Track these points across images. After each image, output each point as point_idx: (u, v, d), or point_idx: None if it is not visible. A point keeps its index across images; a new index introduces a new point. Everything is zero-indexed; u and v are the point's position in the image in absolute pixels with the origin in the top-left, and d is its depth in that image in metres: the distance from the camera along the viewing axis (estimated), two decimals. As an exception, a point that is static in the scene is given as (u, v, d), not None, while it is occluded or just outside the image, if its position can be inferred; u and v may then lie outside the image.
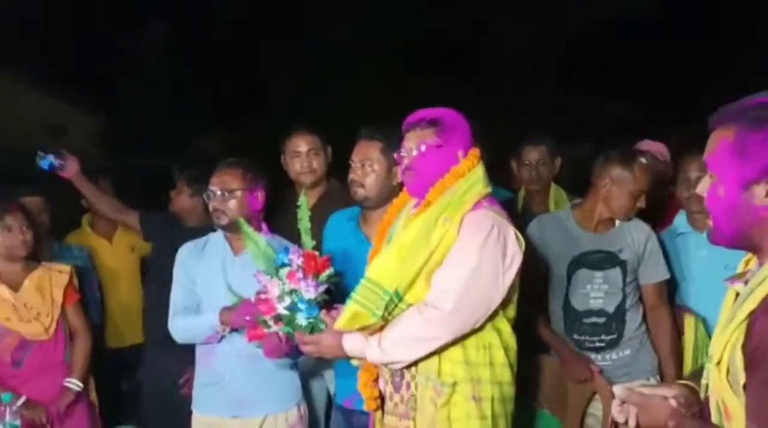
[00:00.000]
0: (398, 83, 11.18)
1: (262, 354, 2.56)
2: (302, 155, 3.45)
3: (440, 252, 2.28)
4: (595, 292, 3.06)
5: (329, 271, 2.47)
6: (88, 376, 3.39)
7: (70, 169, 3.70)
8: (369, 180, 2.85)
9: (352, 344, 2.33)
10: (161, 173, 4.38)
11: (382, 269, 2.31)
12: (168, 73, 11.48)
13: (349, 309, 2.30)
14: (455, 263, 2.27)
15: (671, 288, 3.23)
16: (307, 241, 2.55)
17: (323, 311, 2.41)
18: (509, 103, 10.10)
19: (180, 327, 2.94)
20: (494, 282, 2.26)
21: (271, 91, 11.76)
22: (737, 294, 1.51)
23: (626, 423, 1.62)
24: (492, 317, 2.31)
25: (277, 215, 3.23)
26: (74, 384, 3.27)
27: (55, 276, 3.31)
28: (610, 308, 3.05)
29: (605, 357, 3.07)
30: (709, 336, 2.98)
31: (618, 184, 3.00)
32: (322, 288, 2.42)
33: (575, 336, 3.08)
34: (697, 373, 1.65)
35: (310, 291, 2.39)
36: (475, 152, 2.42)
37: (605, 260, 3.05)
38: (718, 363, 1.45)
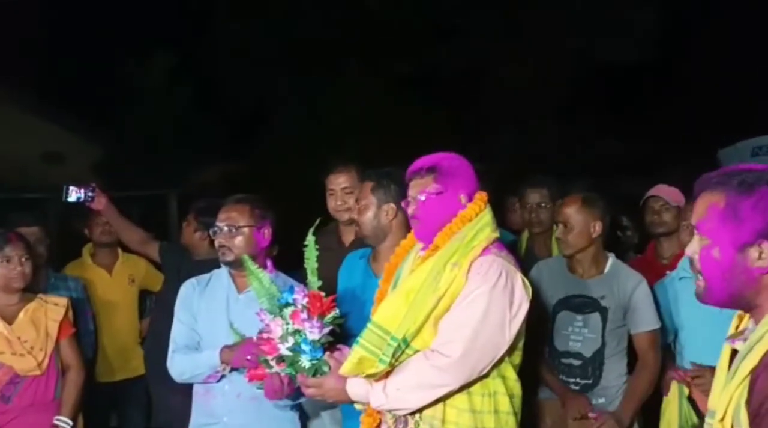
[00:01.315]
0: (395, 119, 11.26)
1: (262, 396, 2.51)
2: (337, 193, 3.43)
3: (448, 298, 2.25)
4: (575, 335, 3.12)
5: (334, 312, 2.43)
6: (78, 412, 3.30)
7: (100, 201, 3.82)
8: (362, 219, 2.90)
9: (357, 389, 2.29)
10: (159, 203, 4.36)
11: (390, 314, 2.28)
12: (170, 103, 11.53)
13: (355, 354, 2.27)
14: (463, 309, 2.24)
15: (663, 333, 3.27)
16: (313, 281, 2.52)
17: (327, 353, 2.37)
18: (509, 140, 10.17)
19: (179, 365, 2.88)
20: (501, 329, 2.24)
21: (273, 124, 11.82)
22: (733, 351, 1.57)
23: None
24: (497, 364, 2.29)
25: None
26: (64, 422, 3.20)
27: (51, 309, 3.24)
28: (588, 353, 3.10)
29: None
30: (693, 407, 3.12)
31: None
32: (326, 330, 2.38)
33: None
34: None
35: (314, 332, 2.35)
36: (482, 195, 2.42)
37: (587, 304, 3.11)
38: (722, 419, 1.47)
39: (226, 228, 2.86)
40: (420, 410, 2.27)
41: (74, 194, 3.76)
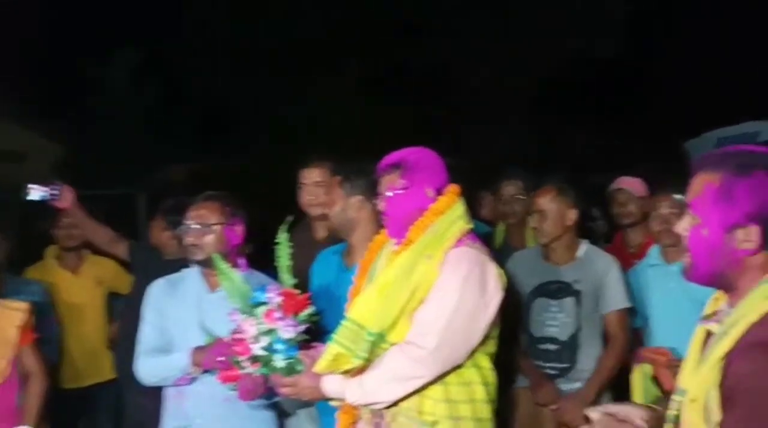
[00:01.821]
0: (367, 114, 11.25)
1: (236, 397, 2.48)
2: (308, 187, 3.42)
3: (422, 290, 2.28)
4: (551, 320, 3.22)
5: (309, 310, 2.42)
6: (41, 421, 3.20)
7: (65, 199, 3.66)
8: (331, 213, 2.96)
9: (332, 386, 2.30)
10: (126, 203, 4.28)
11: (365, 309, 2.30)
12: (134, 101, 11.39)
13: (330, 351, 2.27)
14: (437, 301, 2.27)
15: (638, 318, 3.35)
16: (287, 279, 2.50)
17: (301, 351, 2.36)
18: (480, 135, 10.22)
19: (148, 367, 2.82)
20: (475, 319, 2.27)
21: (236, 122, 11.73)
22: (707, 333, 1.60)
23: None
24: (472, 353, 2.32)
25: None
26: None
27: (11, 315, 3.12)
28: (563, 337, 3.19)
29: (558, 388, 3.18)
30: (657, 384, 3.10)
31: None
32: (301, 328, 2.37)
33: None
34: (663, 402, 1.72)
35: (288, 331, 2.34)
36: (453, 188, 2.44)
37: (561, 289, 3.21)
38: (694, 400, 1.50)
39: (196, 226, 2.81)
40: (396, 403, 2.28)
41: (37, 193, 3.61)
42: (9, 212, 3.73)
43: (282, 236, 2.59)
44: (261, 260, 2.98)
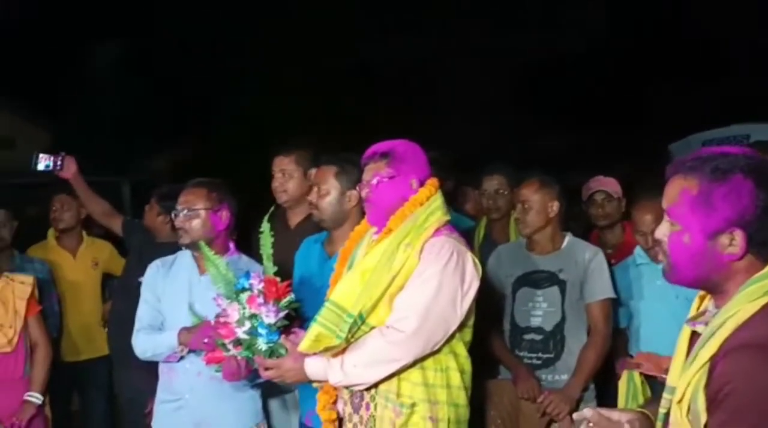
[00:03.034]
0: (350, 110, 11.29)
1: (221, 378, 2.58)
2: (276, 175, 3.47)
3: (402, 276, 2.35)
4: (535, 310, 3.18)
5: (290, 297, 2.50)
6: (46, 390, 3.34)
7: (68, 170, 3.79)
8: (323, 203, 2.94)
9: (314, 368, 2.37)
10: (111, 190, 4.38)
11: (346, 292, 2.37)
12: (120, 89, 11.38)
13: (312, 331, 2.34)
14: (417, 287, 2.34)
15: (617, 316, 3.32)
16: (269, 267, 2.58)
17: (283, 336, 2.44)
18: (461, 133, 10.28)
19: (142, 343, 2.94)
20: (453, 306, 2.35)
21: (222, 112, 11.74)
22: (692, 333, 1.58)
23: None
24: (449, 340, 2.39)
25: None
26: (35, 397, 3.23)
27: (18, 288, 3.25)
28: (548, 327, 3.16)
29: (542, 378, 3.15)
30: (648, 384, 3.17)
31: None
32: (282, 314, 2.44)
33: (516, 352, 3.20)
34: (653, 402, 1.72)
35: (270, 316, 2.42)
36: (433, 181, 2.51)
37: (545, 279, 3.19)
38: (680, 401, 1.49)
39: (183, 211, 2.90)
40: (375, 385, 2.36)
41: (43, 162, 3.73)
42: (1, 196, 3.82)
43: (265, 226, 2.70)
44: (241, 247, 3.08)
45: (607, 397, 3.26)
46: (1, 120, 9.73)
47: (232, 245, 2.93)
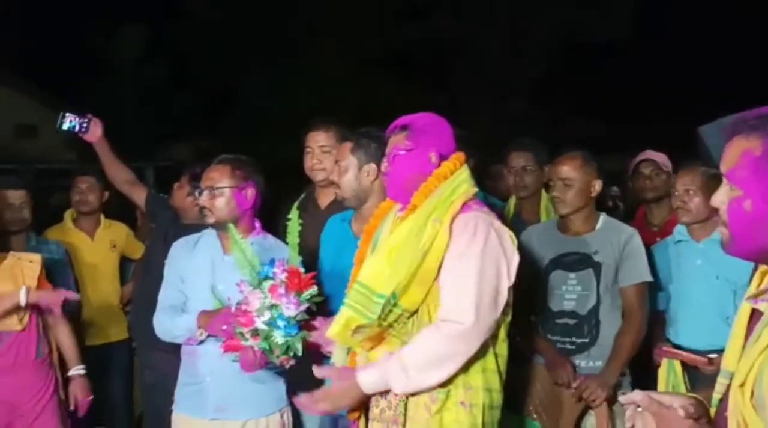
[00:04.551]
0: (371, 94, 11.23)
1: (239, 366, 2.53)
2: (314, 151, 3.27)
3: (434, 254, 2.23)
4: (569, 293, 3.05)
5: (312, 290, 2.43)
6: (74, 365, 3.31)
7: (94, 133, 3.67)
8: (343, 181, 2.85)
9: (371, 379, 2.22)
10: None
11: (374, 272, 2.27)
12: (144, 76, 11.42)
13: (341, 315, 2.26)
14: (460, 273, 2.22)
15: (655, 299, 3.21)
16: (294, 257, 2.53)
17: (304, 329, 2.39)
18: (487, 116, 10.19)
19: (162, 324, 2.89)
20: (501, 286, 2.25)
21: (246, 96, 11.74)
22: (752, 312, 1.47)
23: None
24: None
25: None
26: (79, 369, 3.26)
27: (27, 267, 3.20)
28: (582, 311, 3.02)
29: (576, 364, 3.03)
30: (687, 373, 3.09)
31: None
32: (302, 307, 2.39)
33: (549, 337, 3.08)
34: (702, 389, 1.62)
35: (290, 309, 2.36)
36: (458, 155, 2.40)
37: (580, 261, 3.04)
38: (742, 386, 1.40)
39: (206, 190, 2.83)
40: None
41: (68, 122, 3.61)
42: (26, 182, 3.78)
43: (293, 213, 2.63)
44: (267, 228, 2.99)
45: (643, 385, 3.13)
46: (25, 107, 9.78)
47: (258, 224, 2.85)
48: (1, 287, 3.10)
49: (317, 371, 2.29)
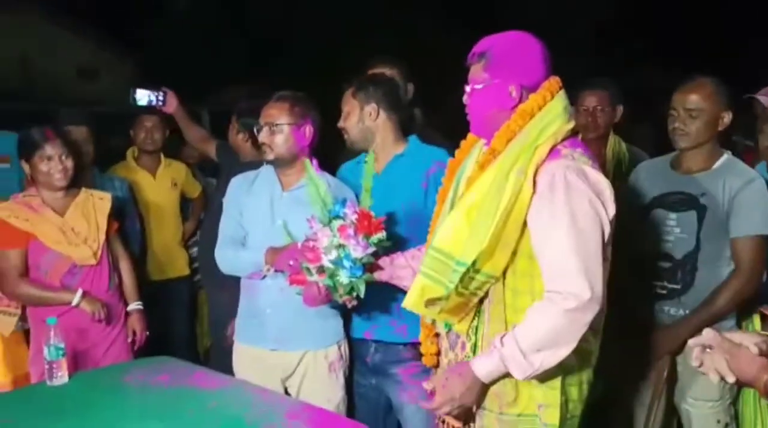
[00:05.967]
0: (422, 39, 11.07)
1: (302, 300, 2.56)
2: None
3: (517, 212, 1.95)
4: (666, 234, 2.78)
5: (381, 235, 2.43)
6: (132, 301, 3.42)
7: (170, 105, 3.89)
8: (347, 125, 2.92)
9: (488, 367, 2.01)
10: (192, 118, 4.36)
11: (450, 235, 2.04)
12: (201, 20, 11.45)
13: (417, 284, 2.09)
14: (556, 236, 1.94)
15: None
16: (366, 199, 2.54)
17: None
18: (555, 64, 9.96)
19: (226, 258, 2.93)
20: (602, 243, 1.97)
21: (298, 43, 11.70)
22: None
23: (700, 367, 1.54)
24: None
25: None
26: (138, 305, 3.36)
27: (98, 203, 3.28)
28: (678, 255, 2.75)
29: (665, 311, 2.79)
30: None
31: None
32: (370, 250, 2.38)
33: (637, 281, 2.83)
34: None
35: (357, 250, 2.36)
36: (551, 83, 2.07)
37: (683, 202, 2.74)
38: None
39: (265, 126, 2.85)
40: (470, 325, 2.11)
41: (145, 98, 3.76)
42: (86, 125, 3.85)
43: (370, 157, 2.62)
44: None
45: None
46: (86, 52, 9.92)
47: (315, 162, 2.87)
48: (75, 222, 3.18)
49: (426, 385, 2.14)
